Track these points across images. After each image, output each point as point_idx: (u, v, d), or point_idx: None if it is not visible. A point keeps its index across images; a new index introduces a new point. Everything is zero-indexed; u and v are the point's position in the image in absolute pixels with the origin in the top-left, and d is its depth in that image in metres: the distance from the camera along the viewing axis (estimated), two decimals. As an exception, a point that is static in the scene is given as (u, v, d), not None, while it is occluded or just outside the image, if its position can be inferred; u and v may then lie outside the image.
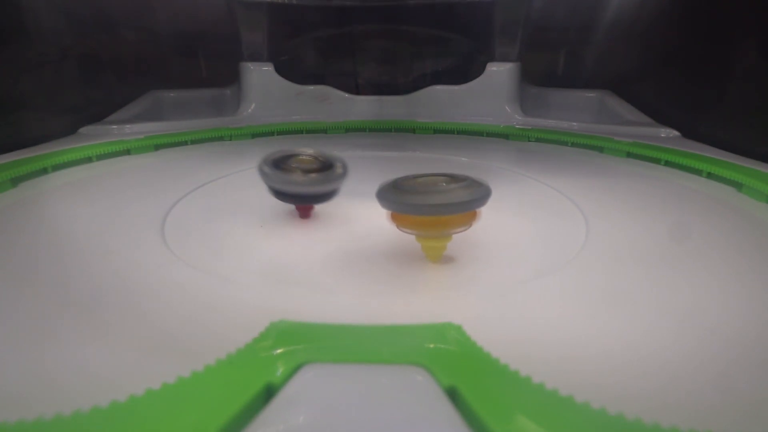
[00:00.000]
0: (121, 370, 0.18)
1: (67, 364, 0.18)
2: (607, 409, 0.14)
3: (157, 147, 0.56)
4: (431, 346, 0.17)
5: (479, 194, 0.24)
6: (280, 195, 0.33)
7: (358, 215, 0.37)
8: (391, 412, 0.14)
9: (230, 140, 0.63)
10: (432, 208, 0.24)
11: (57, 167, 0.45)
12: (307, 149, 0.34)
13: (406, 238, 0.33)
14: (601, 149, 0.56)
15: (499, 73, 0.75)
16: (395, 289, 0.26)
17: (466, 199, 0.24)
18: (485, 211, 0.25)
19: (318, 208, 0.37)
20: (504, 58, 0.75)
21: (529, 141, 0.64)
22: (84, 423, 0.13)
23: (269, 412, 0.14)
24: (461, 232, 0.26)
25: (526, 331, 0.21)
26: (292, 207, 0.37)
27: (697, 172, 0.45)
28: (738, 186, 0.41)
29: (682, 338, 0.21)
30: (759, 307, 0.23)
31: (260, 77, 0.77)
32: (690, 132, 0.57)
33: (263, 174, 0.32)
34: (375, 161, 0.55)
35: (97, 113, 0.63)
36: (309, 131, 0.69)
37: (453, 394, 0.15)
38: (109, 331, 0.21)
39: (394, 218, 0.26)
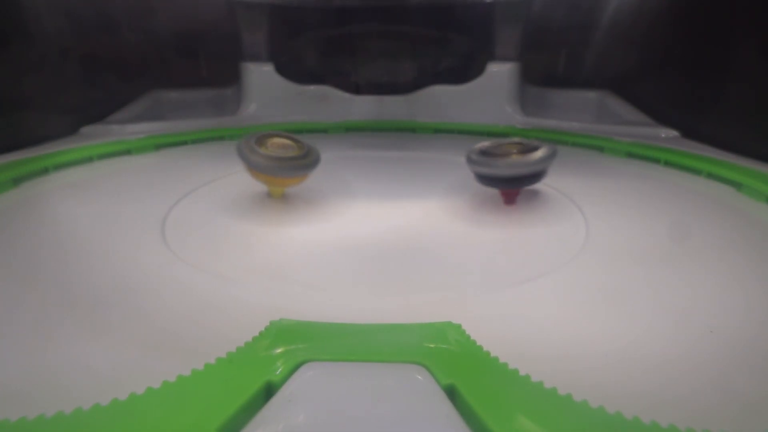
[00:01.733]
0: (122, 369, 0.18)
1: (68, 363, 0.19)
2: (605, 408, 0.14)
3: (158, 147, 0.56)
4: (431, 345, 0.17)
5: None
6: (488, 180, 0.34)
7: (358, 215, 0.37)
8: (390, 410, 0.14)
9: (231, 140, 0.63)
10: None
11: (58, 167, 0.46)
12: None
13: (406, 237, 0.33)
14: (601, 149, 0.56)
15: (499, 73, 0.75)
16: (395, 289, 0.26)
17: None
18: (485, 211, 0.25)
19: (314, 207, 0.38)
20: (504, 58, 0.75)
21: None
22: (85, 421, 0.14)
23: (269, 410, 0.14)
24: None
25: (526, 330, 0.22)
26: (290, 207, 0.37)
27: (697, 172, 0.45)
28: (737, 186, 0.41)
29: (681, 338, 0.21)
30: (757, 307, 0.23)
31: (260, 77, 0.77)
32: (690, 132, 0.57)
33: (471, 162, 0.33)
34: (375, 161, 0.55)
35: (98, 113, 0.63)
36: (309, 131, 0.69)
37: (452, 393, 0.15)
38: (110, 330, 0.21)
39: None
